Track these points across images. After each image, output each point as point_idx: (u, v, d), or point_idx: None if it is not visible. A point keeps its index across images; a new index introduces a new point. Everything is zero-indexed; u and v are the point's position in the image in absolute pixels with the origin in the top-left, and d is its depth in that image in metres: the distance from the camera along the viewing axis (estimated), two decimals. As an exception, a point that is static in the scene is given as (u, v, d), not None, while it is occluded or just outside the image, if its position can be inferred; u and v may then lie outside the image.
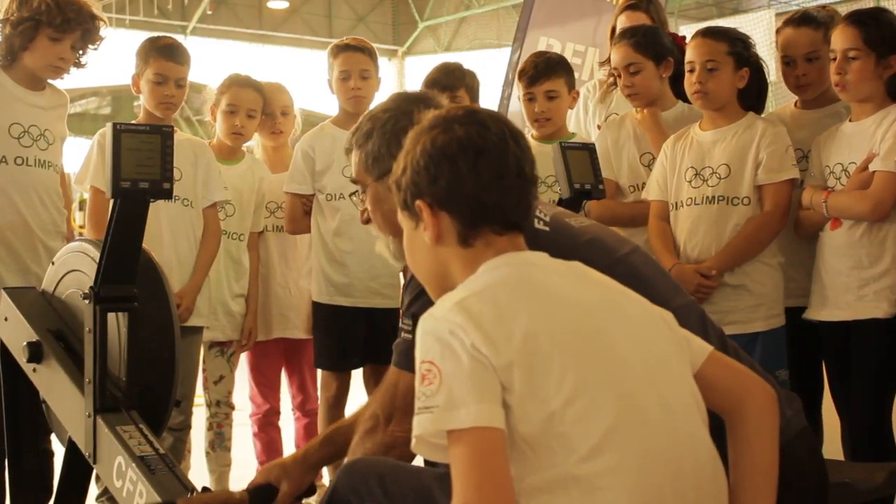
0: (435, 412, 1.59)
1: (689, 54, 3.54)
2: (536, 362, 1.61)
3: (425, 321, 1.67)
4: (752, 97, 3.58)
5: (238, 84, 4.31)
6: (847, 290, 3.28)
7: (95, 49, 3.69)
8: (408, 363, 2.07)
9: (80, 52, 3.65)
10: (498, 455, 1.57)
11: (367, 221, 2.36)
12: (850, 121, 3.40)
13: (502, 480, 1.57)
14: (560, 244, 2.11)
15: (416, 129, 1.87)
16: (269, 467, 2.44)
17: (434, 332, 1.64)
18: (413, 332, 1.98)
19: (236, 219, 4.24)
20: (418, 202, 1.81)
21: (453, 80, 4.17)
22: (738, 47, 3.50)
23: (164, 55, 3.92)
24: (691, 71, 3.49)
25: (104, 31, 3.68)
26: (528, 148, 1.85)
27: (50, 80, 3.71)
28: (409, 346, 2.07)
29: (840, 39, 3.30)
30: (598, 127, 4.22)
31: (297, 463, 2.45)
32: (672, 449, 1.67)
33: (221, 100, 4.28)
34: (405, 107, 2.29)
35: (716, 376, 1.83)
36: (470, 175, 1.77)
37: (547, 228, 2.17)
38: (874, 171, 3.23)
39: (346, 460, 2.24)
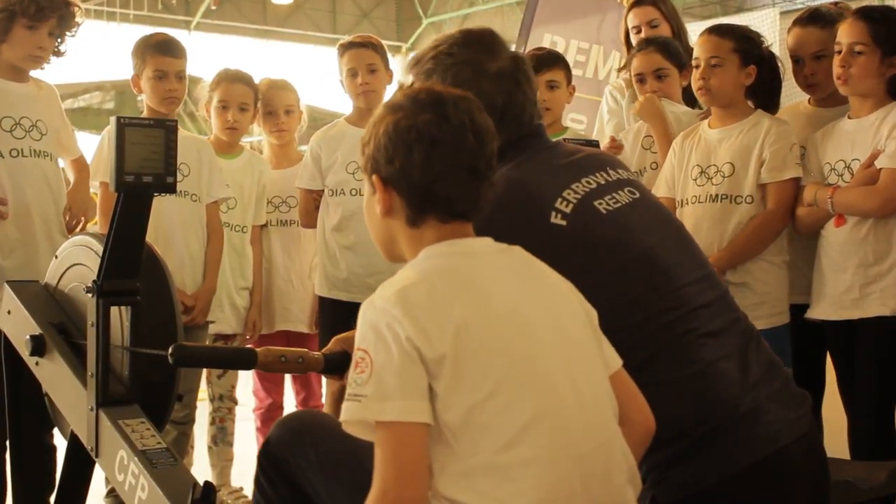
0: (363, 402, 1.68)
1: (696, 51, 3.55)
2: (465, 355, 1.69)
3: (367, 309, 1.75)
4: (766, 94, 3.58)
5: (228, 79, 4.34)
6: (851, 288, 3.28)
7: (73, 36, 3.69)
8: None
9: (59, 39, 3.65)
10: (418, 448, 1.67)
11: None
12: (848, 117, 3.39)
13: (420, 473, 1.67)
14: (575, 241, 2.13)
15: (387, 102, 1.93)
16: (345, 336, 2.42)
17: (372, 322, 1.72)
18: None
19: (238, 211, 4.26)
20: (374, 176, 1.88)
21: None
22: (745, 44, 3.49)
23: (160, 51, 3.94)
24: (697, 67, 3.50)
25: (80, 17, 3.68)
26: (488, 141, 1.88)
27: (32, 72, 3.71)
28: None
29: (847, 33, 3.30)
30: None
31: None
32: (585, 446, 1.75)
33: (213, 96, 4.31)
34: (471, 56, 2.28)
35: (615, 392, 1.88)
36: (421, 165, 1.83)
37: (564, 223, 2.17)
38: (881, 168, 3.23)
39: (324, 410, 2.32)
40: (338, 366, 2.42)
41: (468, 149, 1.85)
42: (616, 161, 2.44)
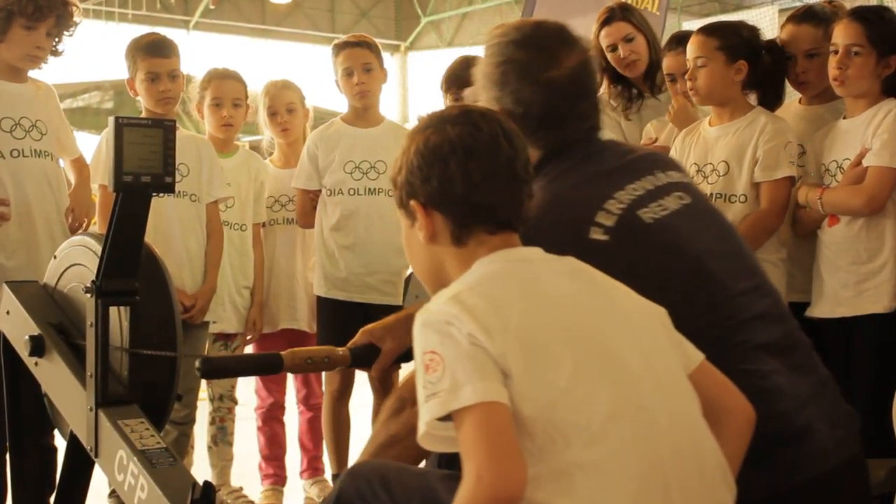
0: (441, 395, 1.61)
1: (686, 52, 3.55)
2: (532, 351, 1.64)
3: (422, 316, 1.69)
4: (770, 86, 3.56)
5: (218, 77, 4.35)
6: (846, 286, 3.29)
7: (70, 35, 3.68)
8: None
9: (56, 39, 3.64)
10: (505, 426, 1.59)
11: None
12: (844, 118, 3.40)
13: (512, 451, 1.57)
14: (618, 256, 2.04)
15: (413, 128, 1.89)
16: (372, 328, 2.44)
17: (431, 325, 1.67)
18: None
19: (236, 210, 4.26)
20: (412, 202, 1.84)
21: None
22: (730, 41, 3.47)
23: (150, 53, 3.95)
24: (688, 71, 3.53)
25: (78, 16, 3.67)
26: (521, 147, 1.86)
27: (30, 72, 3.71)
28: None
29: (843, 34, 3.30)
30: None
31: (400, 322, 2.44)
32: (670, 429, 1.69)
33: (205, 95, 4.31)
34: (524, 59, 2.22)
35: (702, 385, 1.81)
36: (460, 176, 1.80)
37: (605, 237, 2.09)
38: (867, 167, 3.23)
39: (368, 442, 2.25)
40: (364, 359, 2.42)
41: (504, 154, 1.82)
42: (668, 161, 2.35)
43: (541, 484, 1.60)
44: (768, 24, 15.82)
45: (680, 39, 3.88)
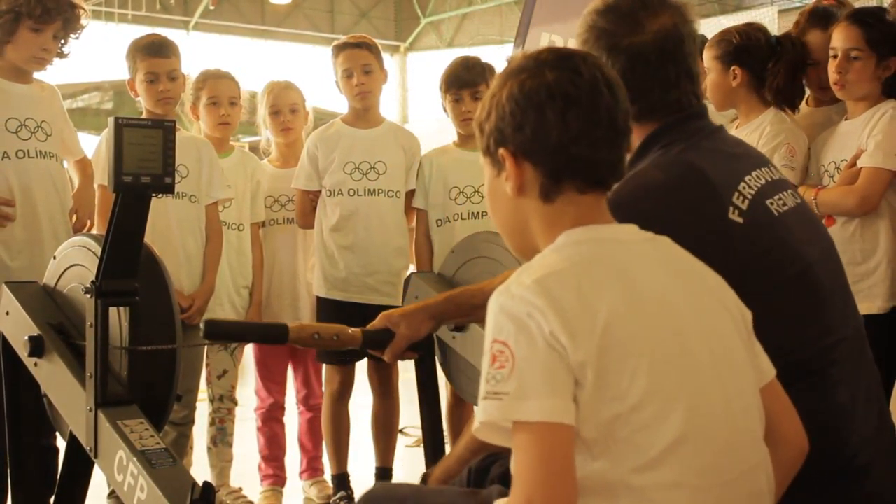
0: (504, 400, 1.49)
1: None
2: (610, 361, 1.52)
3: (501, 296, 1.57)
4: (784, 90, 3.55)
5: (214, 77, 4.36)
6: None
7: (77, 38, 3.69)
8: None
9: (63, 42, 3.65)
10: (566, 453, 1.49)
11: None
12: (845, 119, 3.41)
13: (569, 480, 1.48)
14: (749, 242, 1.97)
15: (504, 70, 1.73)
16: (389, 313, 2.40)
17: (510, 311, 1.54)
18: None
19: (234, 210, 4.26)
20: (501, 150, 1.69)
21: (474, 75, 4.17)
22: (723, 48, 3.53)
23: (150, 53, 3.95)
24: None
25: (85, 19, 3.67)
26: (623, 97, 1.71)
27: (35, 74, 3.71)
28: None
29: (842, 38, 3.30)
30: None
31: (417, 310, 2.43)
32: (730, 473, 1.59)
33: (201, 95, 4.31)
34: (606, 27, 2.12)
35: (766, 403, 1.70)
36: (558, 125, 1.64)
37: (741, 220, 1.99)
38: (861, 167, 3.25)
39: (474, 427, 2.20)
40: (378, 342, 2.40)
41: (605, 104, 1.67)
42: (769, 160, 2.27)
43: (583, 494, 1.51)
44: (768, 24, 15.81)
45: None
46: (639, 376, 1.52)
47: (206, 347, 4.19)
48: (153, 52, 3.96)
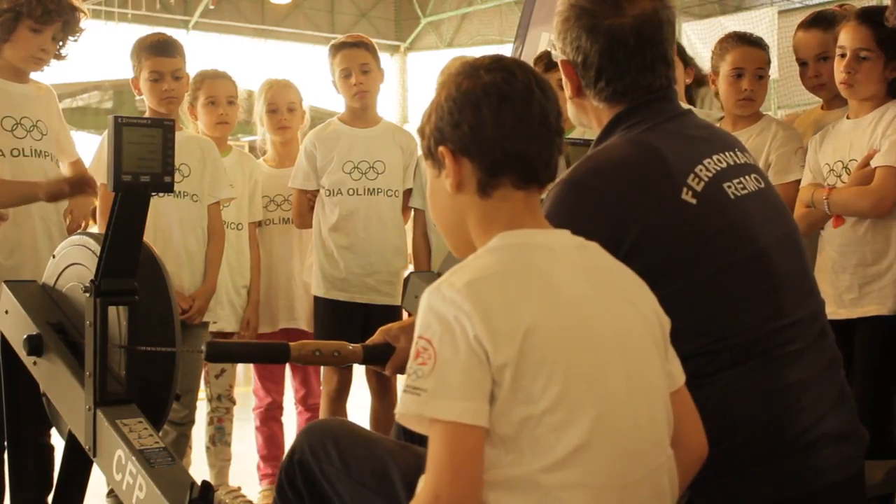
0: (422, 396, 1.59)
1: (738, 61, 3.64)
2: (527, 366, 1.60)
3: (431, 295, 1.64)
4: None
5: (211, 77, 4.38)
6: (851, 287, 3.29)
7: (76, 41, 3.69)
8: None
9: (61, 43, 3.65)
10: (476, 454, 1.59)
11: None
12: (847, 118, 3.41)
13: (475, 480, 1.58)
14: (701, 223, 2.00)
15: (444, 77, 1.83)
16: (388, 327, 2.42)
17: (438, 311, 1.62)
18: None
19: (232, 209, 4.27)
20: (441, 148, 1.78)
21: None
22: (770, 55, 3.67)
23: (154, 52, 3.96)
24: (739, 77, 3.59)
25: (85, 22, 3.67)
26: (554, 99, 1.79)
27: (32, 74, 3.71)
28: None
29: (851, 38, 3.30)
30: None
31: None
32: (633, 475, 1.67)
33: (199, 95, 4.32)
34: (588, 6, 2.14)
35: (674, 409, 1.79)
36: (493, 121, 1.74)
37: (694, 202, 2.02)
38: (876, 168, 3.23)
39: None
40: (379, 357, 2.41)
41: (538, 102, 1.76)
42: (741, 144, 2.29)
43: (494, 488, 1.60)
44: (768, 25, 15.83)
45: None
46: (552, 383, 1.60)
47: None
48: (158, 51, 3.97)
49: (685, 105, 3.84)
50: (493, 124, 1.74)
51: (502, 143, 1.75)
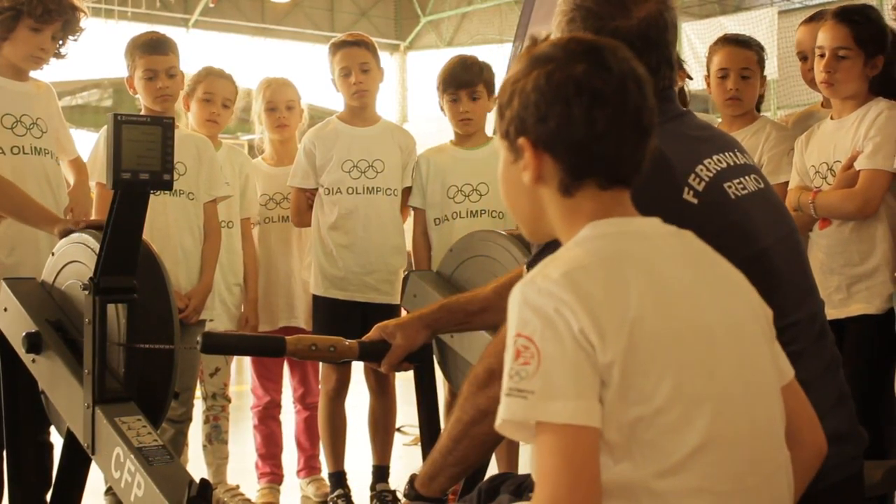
0: (529, 399, 1.44)
1: (723, 61, 3.66)
2: (637, 362, 1.47)
3: (525, 288, 1.50)
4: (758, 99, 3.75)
5: (214, 74, 4.38)
6: (839, 288, 3.30)
7: (76, 40, 3.69)
8: None
9: (61, 42, 3.65)
10: (592, 457, 1.44)
11: None
12: (831, 118, 3.42)
13: (594, 484, 1.44)
14: (702, 223, 1.93)
15: (530, 56, 1.65)
16: (384, 324, 2.41)
17: (535, 305, 1.47)
18: None
19: (223, 207, 4.26)
20: (521, 139, 1.62)
21: (472, 75, 4.17)
22: (763, 55, 3.69)
23: (148, 51, 3.97)
24: (724, 77, 3.59)
25: (85, 21, 3.67)
26: (650, 95, 1.65)
27: (31, 72, 3.72)
28: None
29: (830, 37, 3.31)
30: None
31: (412, 320, 2.44)
32: (751, 480, 1.55)
33: (197, 88, 4.33)
34: (595, 8, 2.08)
35: (786, 405, 1.67)
36: (583, 122, 1.57)
37: (695, 201, 2.00)
38: (860, 170, 3.25)
39: (456, 414, 2.09)
40: (375, 354, 2.41)
41: (633, 101, 1.61)
42: (740, 144, 2.27)
43: (607, 495, 1.46)
44: (768, 25, 15.83)
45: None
46: (664, 380, 1.47)
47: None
48: (151, 49, 3.97)
49: (711, 117, 3.89)
50: (584, 125, 1.58)
51: (591, 146, 1.59)
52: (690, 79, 3.80)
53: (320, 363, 4.39)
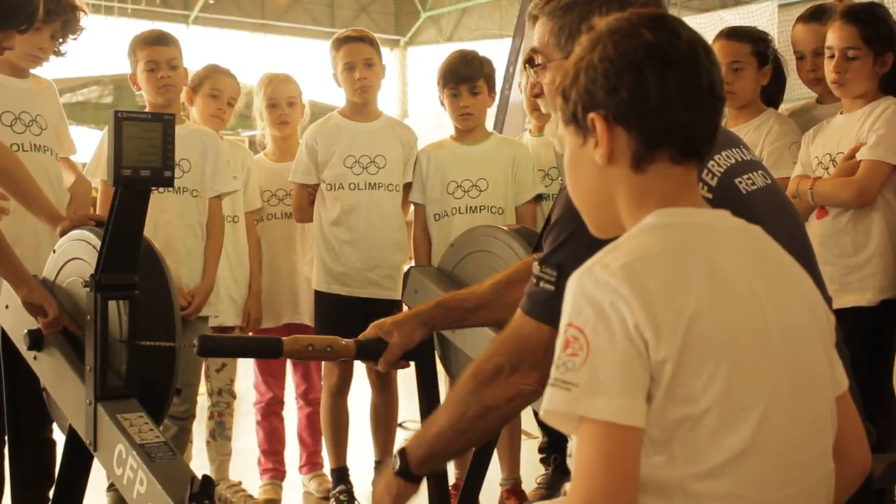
0: (573, 392, 1.41)
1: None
2: (689, 360, 1.42)
3: (582, 278, 1.45)
4: (773, 91, 3.69)
5: (220, 72, 4.39)
6: (832, 279, 3.30)
7: (75, 39, 3.69)
8: (546, 316, 1.95)
9: (61, 40, 3.65)
10: (632, 457, 1.41)
11: (538, 96, 2.21)
12: (841, 113, 3.43)
13: (632, 485, 1.41)
14: None
15: (592, 33, 1.61)
16: (381, 322, 2.40)
17: (591, 296, 1.43)
18: (556, 283, 1.85)
19: (227, 202, 4.26)
20: (592, 115, 1.56)
21: (472, 70, 4.16)
22: (761, 46, 3.62)
23: (149, 43, 4.00)
24: None
25: (84, 20, 3.67)
26: (718, 64, 1.61)
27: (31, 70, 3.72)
28: (549, 298, 1.94)
29: (838, 37, 3.31)
30: None
31: (408, 318, 2.43)
32: (789, 490, 1.51)
33: (204, 83, 4.33)
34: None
35: (837, 416, 1.62)
36: (657, 87, 1.53)
37: (709, 195, 1.96)
38: (861, 160, 3.26)
39: (459, 408, 2.06)
40: (370, 351, 2.41)
41: (704, 67, 1.56)
42: (743, 141, 2.25)
43: (641, 492, 1.44)
44: (768, 19, 15.82)
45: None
46: (716, 379, 1.43)
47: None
48: (153, 41, 4.00)
49: None
50: (657, 91, 1.53)
51: (666, 113, 1.54)
52: None
53: (322, 358, 4.39)
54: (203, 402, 4.36)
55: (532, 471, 4.42)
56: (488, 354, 2.06)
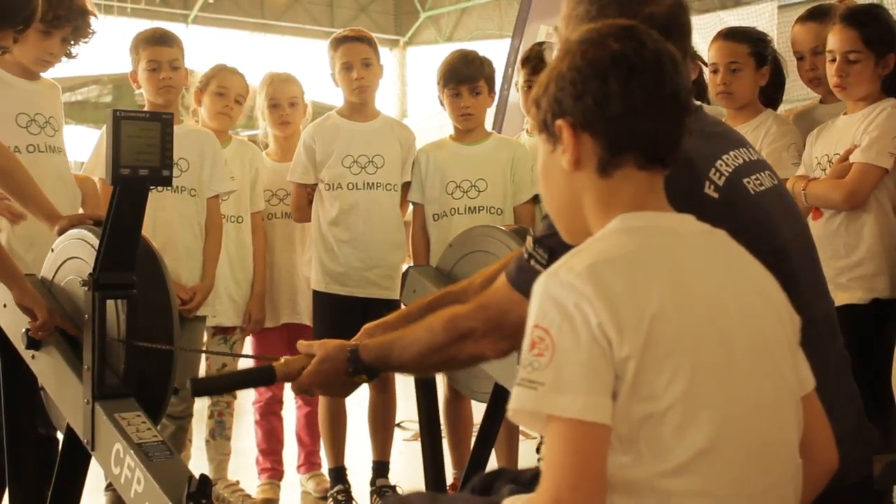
0: (539, 391, 1.44)
1: (712, 56, 3.66)
2: (651, 359, 1.46)
3: (548, 280, 1.50)
4: (772, 91, 3.69)
5: (227, 70, 4.40)
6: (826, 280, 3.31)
7: (87, 43, 3.70)
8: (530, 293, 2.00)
9: (72, 43, 3.65)
10: (600, 454, 1.44)
11: None
12: (844, 114, 3.43)
13: (599, 481, 1.44)
14: (724, 218, 1.91)
15: (564, 44, 1.67)
16: (371, 326, 2.42)
17: (556, 298, 1.48)
18: (546, 265, 1.86)
19: (232, 202, 4.26)
20: (559, 122, 1.63)
21: (473, 70, 4.16)
22: (759, 47, 3.63)
23: (152, 42, 4.00)
24: (715, 72, 3.59)
25: (95, 24, 3.68)
26: (685, 73, 1.67)
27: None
28: (536, 277, 1.92)
29: (839, 40, 3.32)
30: None
31: (399, 320, 2.41)
32: (757, 485, 1.54)
33: (211, 82, 4.33)
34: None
35: (802, 415, 1.66)
36: (621, 94, 1.59)
37: (716, 195, 1.99)
38: (854, 163, 3.27)
39: (422, 334, 2.11)
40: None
41: (669, 76, 1.62)
42: (748, 142, 2.26)
43: (611, 489, 1.46)
44: (768, 19, 15.82)
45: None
46: (678, 378, 1.47)
47: (204, 342, 4.19)
48: (156, 41, 4.00)
49: (718, 108, 3.87)
50: (621, 98, 1.59)
51: (629, 120, 1.60)
52: (705, 65, 3.79)
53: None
54: (203, 401, 4.35)
55: (530, 471, 4.42)
56: (466, 311, 2.08)
